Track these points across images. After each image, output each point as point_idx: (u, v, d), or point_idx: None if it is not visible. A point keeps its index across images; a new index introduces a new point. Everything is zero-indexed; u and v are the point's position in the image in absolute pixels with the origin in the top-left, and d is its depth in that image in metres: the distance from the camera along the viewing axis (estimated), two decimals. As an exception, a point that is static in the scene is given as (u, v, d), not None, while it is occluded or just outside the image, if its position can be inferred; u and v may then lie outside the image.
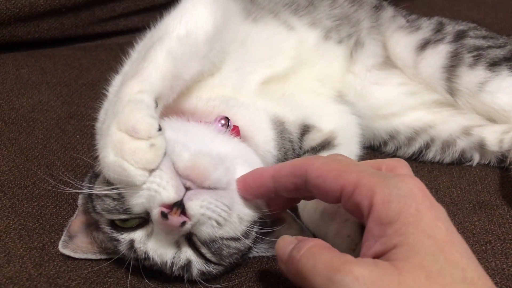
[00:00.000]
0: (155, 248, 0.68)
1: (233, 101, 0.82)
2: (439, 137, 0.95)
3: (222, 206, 0.65)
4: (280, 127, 0.86)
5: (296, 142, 0.88)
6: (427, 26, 1.00)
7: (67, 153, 0.93)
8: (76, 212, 0.76)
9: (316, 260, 0.52)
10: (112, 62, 0.98)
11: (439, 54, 0.93)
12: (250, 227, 0.69)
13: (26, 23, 1.25)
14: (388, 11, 1.05)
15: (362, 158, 0.96)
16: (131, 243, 0.68)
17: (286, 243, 0.59)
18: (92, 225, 0.75)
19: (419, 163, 0.97)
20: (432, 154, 0.96)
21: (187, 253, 0.69)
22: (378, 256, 0.50)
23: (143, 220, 0.68)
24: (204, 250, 0.68)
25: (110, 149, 0.63)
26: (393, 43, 0.98)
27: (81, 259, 0.73)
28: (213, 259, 0.69)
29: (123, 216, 0.67)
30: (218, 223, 0.65)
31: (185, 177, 0.64)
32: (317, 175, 0.56)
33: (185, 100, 0.80)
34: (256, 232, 0.71)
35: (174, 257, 0.68)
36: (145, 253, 0.68)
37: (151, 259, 0.68)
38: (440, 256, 0.48)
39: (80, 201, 0.77)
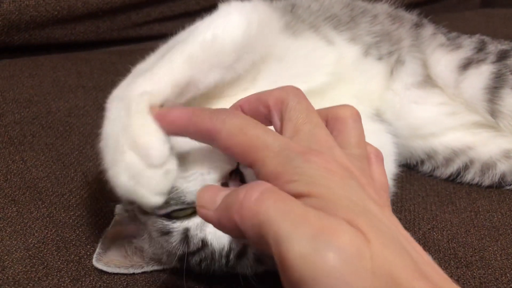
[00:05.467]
0: (214, 230, 0.67)
1: None
2: (479, 159, 0.93)
3: None
4: None
5: None
6: (468, 45, 0.98)
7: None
8: (112, 223, 0.76)
9: (285, 209, 0.42)
10: (147, 68, 0.98)
11: (482, 75, 0.91)
12: None
13: (63, 26, 1.26)
14: (429, 29, 1.03)
15: (398, 176, 0.95)
16: (186, 232, 0.67)
17: (213, 190, 0.52)
18: (126, 237, 0.75)
19: (457, 185, 0.95)
20: (470, 176, 0.94)
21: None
22: None
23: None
24: None
25: (122, 169, 0.61)
26: (434, 62, 0.96)
27: (116, 274, 0.73)
28: None
29: (178, 207, 0.67)
30: None
31: None
32: (224, 146, 0.52)
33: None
34: None
35: (232, 240, 0.67)
36: (203, 240, 0.67)
37: (209, 245, 0.67)
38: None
39: (117, 210, 0.78)
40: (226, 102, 0.79)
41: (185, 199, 0.66)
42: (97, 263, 0.72)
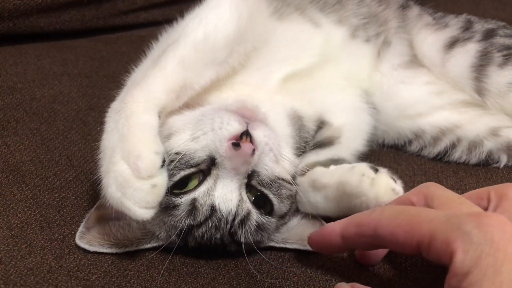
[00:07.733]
0: (222, 194, 0.68)
1: (251, 98, 0.80)
2: (466, 137, 0.93)
3: (275, 140, 0.71)
4: (298, 123, 0.84)
5: (311, 140, 0.86)
6: (455, 24, 0.98)
7: (88, 144, 0.93)
8: (96, 205, 0.75)
9: None
10: (133, 54, 0.97)
11: (468, 53, 0.91)
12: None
13: (48, 14, 1.24)
14: (415, 10, 1.03)
15: (385, 155, 0.95)
16: (193, 203, 0.68)
17: None
18: (111, 219, 0.74)
19: (445, 163, 0.95)
20: (458, 154, 0.94)
21: (247, 203, 0.70)
22: None
23: (202, 176, 0.69)
24: (266, 191, 0.70)
25: (112, 180, 0.63)
26: (420, 41, 0.96)
27: (101, 253, 0.72)
28: (275, 200, 0.71)
29: (187, 172, 0.68)
30: (275, 156, 0.70)
31: (240, 115, 0.70)
32: (387, 233, 0.55)
33: (204, 96, 0.78)
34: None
35: (238, 205, 0.69)
36: (212, 206, 0.68)
37: (218, 210, 0.68)
38: None
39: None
40: (222, 94, 0.79)
41: (193, 161, 0.68)
42: (79, 241, 0.72)
